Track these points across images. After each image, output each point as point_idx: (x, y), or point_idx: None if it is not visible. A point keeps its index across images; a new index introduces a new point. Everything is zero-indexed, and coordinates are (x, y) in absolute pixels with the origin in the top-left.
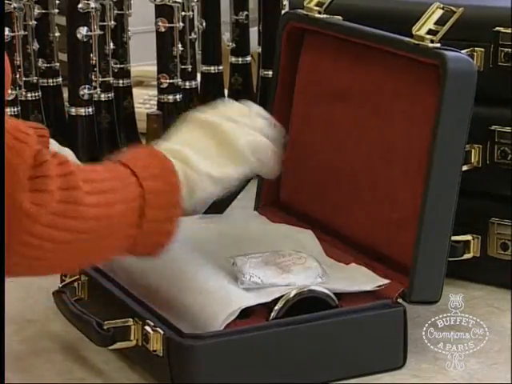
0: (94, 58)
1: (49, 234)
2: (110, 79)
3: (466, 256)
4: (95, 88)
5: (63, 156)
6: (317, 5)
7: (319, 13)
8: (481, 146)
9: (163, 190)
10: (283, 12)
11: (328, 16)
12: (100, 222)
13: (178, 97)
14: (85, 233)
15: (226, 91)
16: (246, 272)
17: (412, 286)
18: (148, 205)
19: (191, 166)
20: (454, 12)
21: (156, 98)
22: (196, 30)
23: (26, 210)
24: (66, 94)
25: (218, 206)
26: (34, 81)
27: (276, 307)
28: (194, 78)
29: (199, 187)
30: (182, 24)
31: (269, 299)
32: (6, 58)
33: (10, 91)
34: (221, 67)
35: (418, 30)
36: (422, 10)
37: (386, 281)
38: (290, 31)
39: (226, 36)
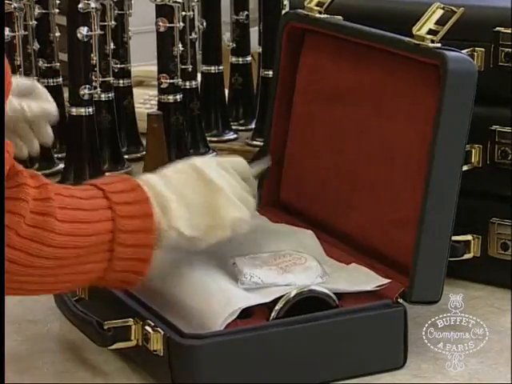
0: (95, 58)
1: (17, 256)
2: (111, 79)
3: (467, 256)
4: (95, 88)
5: (42, 178)
6: (317, 5)
7: (319, 13)
8: (481, 146)
9: (137, 230)
10: (283, 12)
11: (328, 16)
12: (68, 251)
13: (179, 97)
14: (51, 259)
15: (226, 91)
16: (247, 272)
17: (412, 286)
18: (118, 242)
19: (168, 217)
20: (455, 12)
21: (156, 98)
22: (196, 29)
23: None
24: (66, 94)
25: None
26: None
27: (276, 307)
28: (195, 78)
29: (166, 238)
30: (182, 24)
31: (269, 299)
32: (7, 64)
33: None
34: (221, 67)
35: (419, 30)
36: (422, 10)
37: (387, 280)
38: (290, 31)
39: (227, 36)
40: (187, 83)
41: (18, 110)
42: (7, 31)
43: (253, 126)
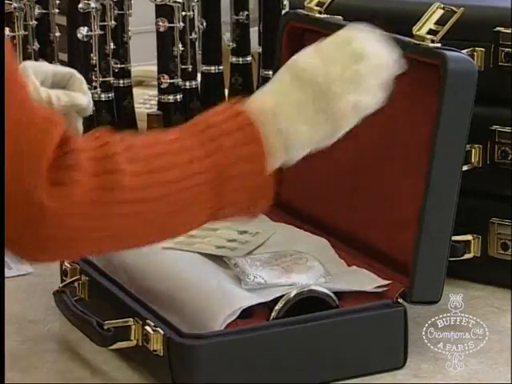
0: (95, 58)
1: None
2: (111, 79)
3: (467, 256)
4: (95, 88)
5: (105, 134)
6: (317, 5)
7: (319, 13)
8: (481, 146)
9: (248, 155)
10: (283, 12)
11: (328, 16)
12: (147, 206)
13: (179, 97)
14: (140, 214)
15: (226, 91)
16: (250, 273)
17: (412, 286)
18: (227, 176)
19: (286, 123)
20: (455, 12)
21: (156, 98)
22: (196, 29)
23: (47, 207)
24: None
25: None
26: None
27: (276, 307)
28: (195, 78)
29: (295, 144)
30: (182, 24)
31: (270, 298)
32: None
33: None
34: (221, 67)
35: (419, 30)
36: (423, 10)
37: (387, 282)
38: (290, 31)
39: (227, 36)
40: (187, 83)
41: (45, 101)
42: (7, 31)
43: None
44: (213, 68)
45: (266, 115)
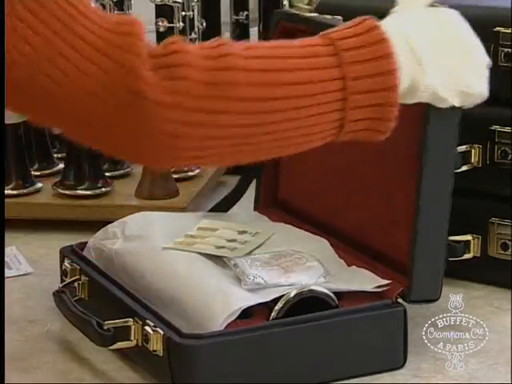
0: None
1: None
2: None
3: (466, 256)
4: None
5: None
6: (307, 4)
7: (310, 11)
8: (481, 146)
9: (374, 69)
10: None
11: (318, 15)
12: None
13: None
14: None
15: None
16: (250, 273)
17: (411, 285)
18: (353, 87)
19: (422, 70)
20: None
21: None
22: (196, 29)
23: (160, 102)
24: None
25: (222, 205)
26: None
27: (276, 307)
28: None
29: (423, 81)
30: (182, 24)
31: (270, 298)
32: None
33: None
34: None
35: None
36: None
37: (387, 281)
38: (281, 31)
39: (226, 36)
40: None
41: None
42: None
43: None
44: None
45: (398, 35)
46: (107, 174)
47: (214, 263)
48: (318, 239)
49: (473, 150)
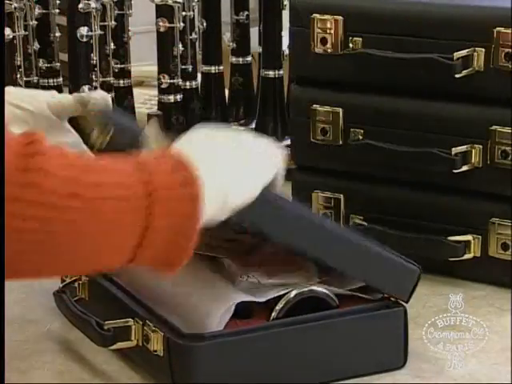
0: (95, 58)
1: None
2: (111, 79)
3: (467, 256)
4: (96, 88)
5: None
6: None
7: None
8: (481, 146)
9: (178, 197)
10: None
11: None
12: (80, 215)
13: (179, 97)
14: (50, 222)
15: (226, 91)
16: (243, 273)
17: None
18: (157, 212)
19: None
20: None
21: (156, 98)
22: (196, 29)
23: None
24: None
25: None
26: (35, 81)
27: (277, 307)
28: (195, 78)
29: (232, 193)
30: (182, 24)
31: (265, 299)
32: None
33: None
34: (221, 67)
35: None
36: (423, 10)
37: None
38: None
39: (227, 36)
40: (187, 83)
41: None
42: (8, 31)
43: (253, 126)
44: (213, 68)
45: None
46: None
47: (209, 263)
48: None
49: (473, 150)
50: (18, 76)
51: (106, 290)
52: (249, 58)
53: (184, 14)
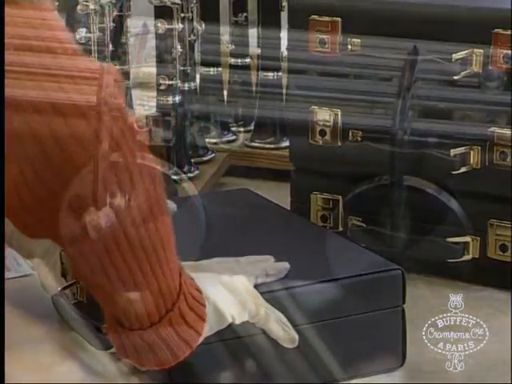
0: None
1: None
2: None
3: (466, 257)
4: None
5: None
6: None
7: None
8: (480, 148)
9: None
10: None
11: None
12: None
13: (178, 98)
14: None
15: (225, 93)
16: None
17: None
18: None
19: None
20: None
21: (155, 100)
22: (195, 31)
23: None
24: None
25: None
26: None
27: None
28: (194, 80)
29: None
30: (181, 25)
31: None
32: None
33: None
34: (220, 69)
35: None
36: (423, 11)
37: None
38: None
39: (225, 37)
40: (186, 85)
41: None
42: None
43: (252, 127)
44: (212, 70)
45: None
46: None
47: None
48: None
49: (472, 152)
50: None
51: None
52: (247, 60)
53: (182, 15)
